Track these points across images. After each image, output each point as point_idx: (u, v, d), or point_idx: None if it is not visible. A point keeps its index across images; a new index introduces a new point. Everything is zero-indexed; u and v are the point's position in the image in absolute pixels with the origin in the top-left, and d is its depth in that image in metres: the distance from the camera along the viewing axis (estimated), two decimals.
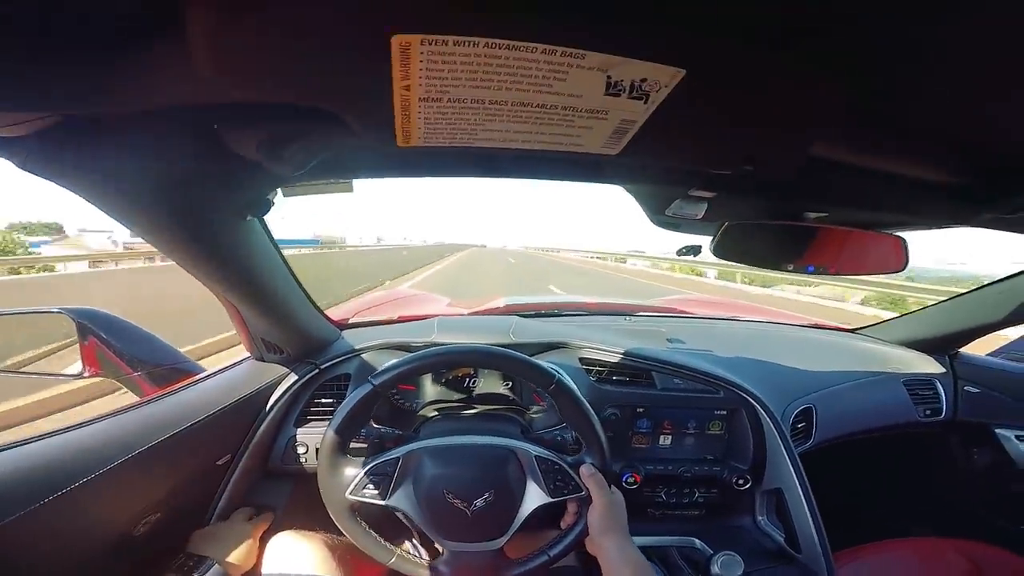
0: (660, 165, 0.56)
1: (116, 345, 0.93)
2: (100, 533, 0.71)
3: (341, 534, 0.92)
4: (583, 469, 0.80)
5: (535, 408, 1.14)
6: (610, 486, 0.80)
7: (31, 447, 0.65)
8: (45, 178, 0.46)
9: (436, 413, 1.10)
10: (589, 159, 0.49)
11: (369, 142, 0.44)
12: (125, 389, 0.95)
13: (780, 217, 0.72)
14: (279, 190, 0.64)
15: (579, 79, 0.36)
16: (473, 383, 1.16)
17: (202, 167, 0.51)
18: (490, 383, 1.16)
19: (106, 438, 0.73)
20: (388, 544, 0.80)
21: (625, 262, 29.41)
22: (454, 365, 1.10)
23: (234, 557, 0.84)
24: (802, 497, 1.04)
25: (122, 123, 0.42)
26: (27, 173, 0.44)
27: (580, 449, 0.85)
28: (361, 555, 0.90)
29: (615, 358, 1.15)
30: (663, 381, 1.15)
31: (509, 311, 1.55)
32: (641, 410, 1.14)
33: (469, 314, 1.50)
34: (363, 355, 1.13)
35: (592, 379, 1.14)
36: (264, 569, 0.86)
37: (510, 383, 1.16)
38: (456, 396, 1.14)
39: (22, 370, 0.97)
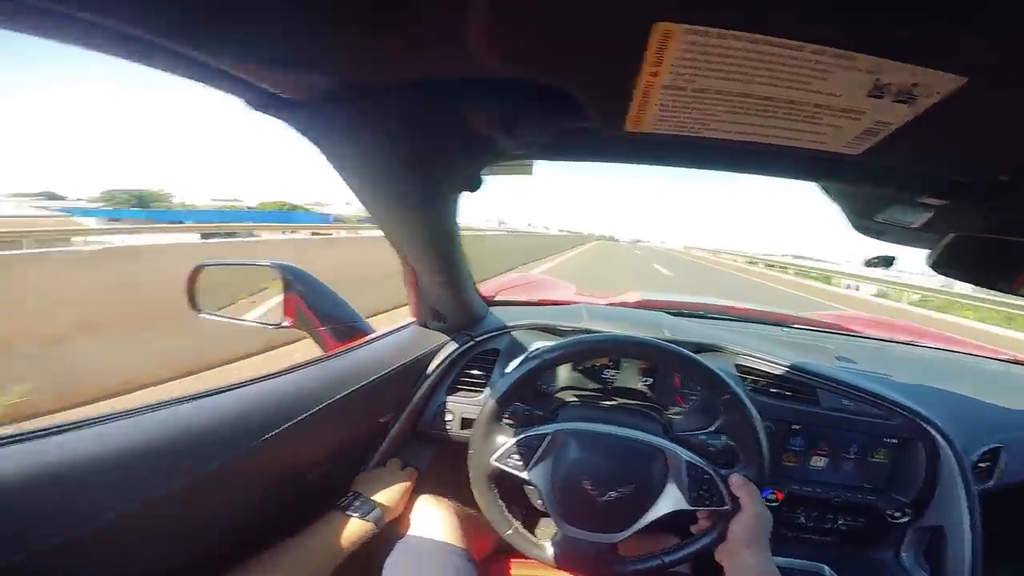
0: (893, 168, 0.51)
1: (310, 299, 1.07)
2: (287, 476, 0.79)
3: (466, 504, 0.98)
4: (734, 479, 0.77)
5: (674, 409, 1.12)
6: None
7: (237, 393, 0.73)
8: (316, 143, 0.53)
9: (574, 399, 1.11)
10: (813, 155, 0.46)
11: (595, 125, 0.45)
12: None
13: (1016, 231, 0.62)
14: None
15: (843, 80, 0.33)
16: (611, 375, 1.16)
17: (441, 140, 0.54)
18: (628, 378, 1.15)
19: (298, 389, 0.81)
20: (510, 517, 0.84)
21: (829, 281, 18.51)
22: (625, 355, 1.11)
23: (389, 501, 0.92)
24: (968, 540, 0.93)
25: (386, 93, 0.46)
26: (303, 137, 0.51)
27: (729, 460, 0.82)
28: (478, 528, 0.95)
29: (777, 370, 1.08)
30: (829, 400, 1.06)
31: (647, 305, 1.51)
32: (797, 427, 1.07)
33: (608, 304, 1.49)
34: (513, 333, 1.18)
35: (748, 389, 1.08)
36: (404, 524, 0.93)
37: (650, 380, 1.14)
38: (591, 385, 1.15)
39: (234, 317, 1.14)
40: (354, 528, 0.83)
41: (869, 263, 0.83)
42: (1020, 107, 0.36)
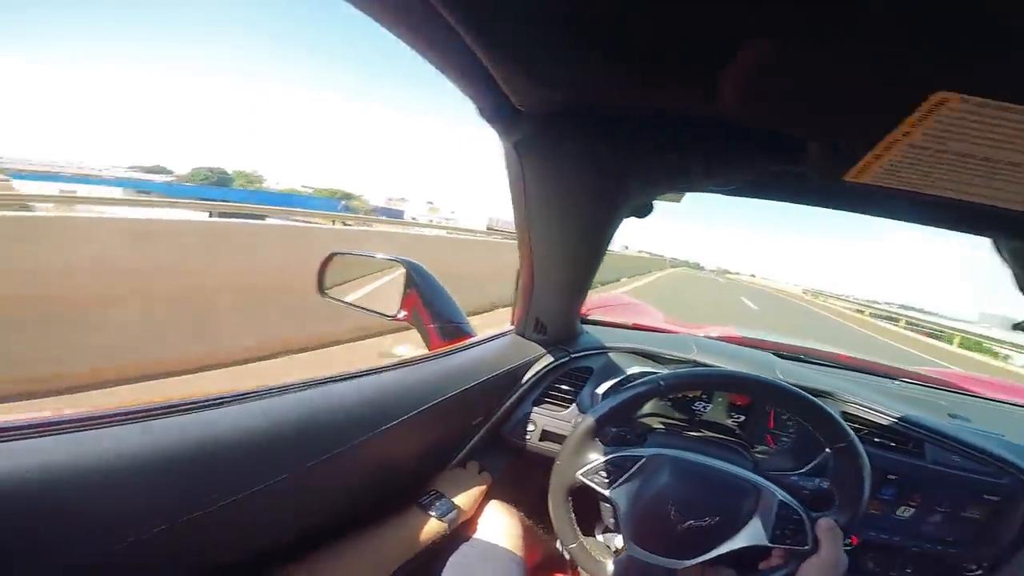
0: None
1: (427, 296, 1.13)
2: (383, 470, 0.81)
3: (531, 515, 1.00)
4: (823, 522, 0.76)
5: (760, 447, 1.11)
6: None
7: (359, 382, 0.76)
8: (520, 155, 0.56)
9: (661, 426, 1.12)
10: (1014, 215, 0.46)
11: (809, 170, 0.46)
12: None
13: None
14: None
15: None
16: (701, 407, 1.16)
17: (642, 166, 0.56)
18: (717, 412, 1.15)
19: (405, 386, 0.84)
20: (578, 531, 0.84)
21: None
22: (750, 394, 1.09)
23: (464, 504, 0.94)
24: None
25: (605, 114, 0.48)
26: (512, 150, 0.55)
27: (816, 502, 0.81)
28: (538, 539, 0.96)
29: (885, 420, 1.06)
30: (936, 455, 1.03)
31: (749, 343, 1.49)
32: (893, 478, 1.04)
33: (706, 337, 1.49)
34: (609, 354, 1.19)
35: None
36: (473, 526, 0.95)
37: (742, 417, 1.14)
38: (678, 415, 1.15)
39: (358, 305, 1.23)
40: (431, 527, 0.85)
41: (1017, 327, 0.80)
42: None
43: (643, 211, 0.67)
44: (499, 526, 0.95)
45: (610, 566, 0.83)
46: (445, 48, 0.42)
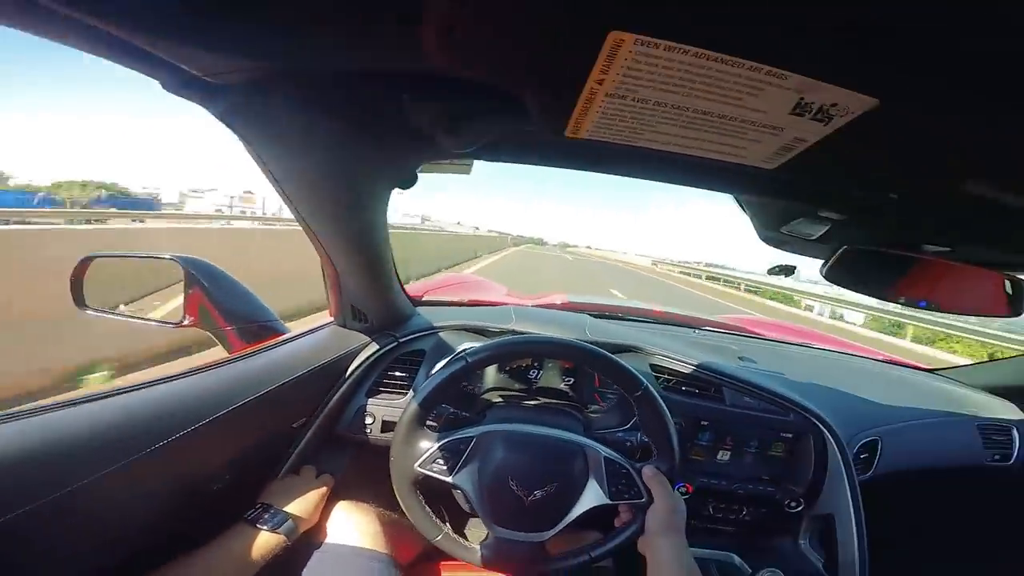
0: (803, 183, 0.55)
1: (216, 297, 0.98)
2: (184, 486, 0.74)
3: (388, 509, 0.96)
4: (646, 470, 0.81)
5: (593, 407, 1.15)
6: None
7: (131, 396, 0.68)
8: (234, 129, 0.49)
9: (500, 400, 1.11)
10: (733, 168, 0.48)
11: (536, 128, 0.45)
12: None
13: (900, 246, 0.69)
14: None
15: (772, 97, 0.35)
16: (535, 375, 1.17)
17: (378, 133, 0.53)
18: (550, 378, 1.17)
19: (200, 392, 0.76)
20: (438, 521, 0.83)
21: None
22: (549, 356, 1.12)
23: (303, 511, 0.88)
24: (854, 525, 1.03)
25: (320, 81, 0.44)
26: (221, 123, 0.47)
27: (644, 455, 0.86)
28: (402, 533, 0.93)
29: (687, 369, 1.14)
30: (733, 397, 1.13)
31: (572, 308, 1.55)
32: (705, 423, 1.14)
33: (534, 305, 1.51)
34: (440, 334, 1.15)
35: (661, 387, 1.14)
36: (322, 532, 0.89)
37: (571, 380, 1.17)
38: (516, 386, 1.16)
39: (127, 314, 1.02)
40: (264, 541, 0.79)
41: (771, 271, 0.89)
42: (915, 133, 0.40)
43: (406, 182, 0.64)
44: (352, 527, 0.90)
45: (481, 550, 0.81)
46: (95, 41, 0.37)
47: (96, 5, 0.32)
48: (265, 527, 0.80)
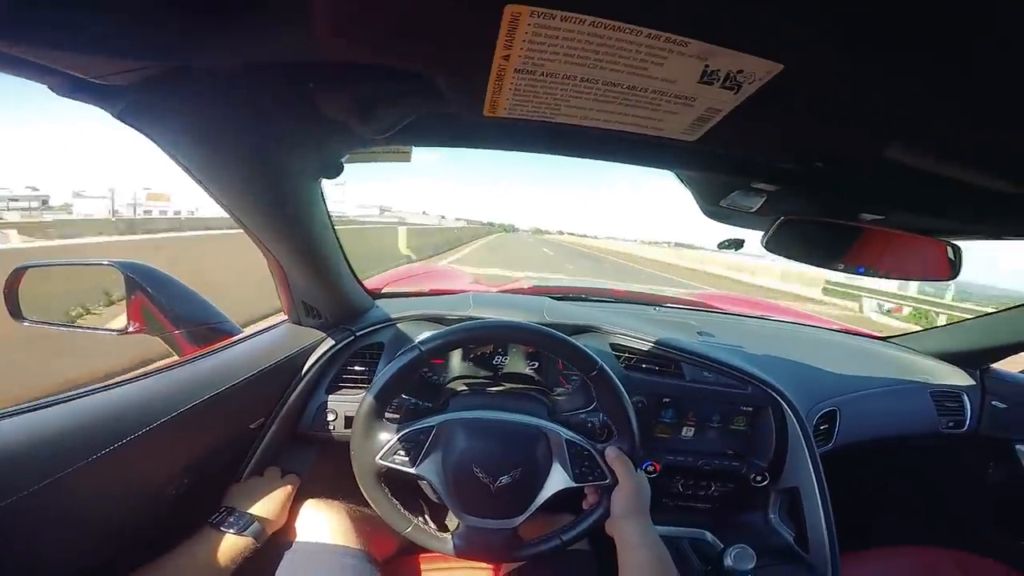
0: (729, 155, 0.55)
1: (161, 301, 0.95)
2: (138, 492, 0.72)
3: (360, 504, 0.94)
4: (609, 451, 0.81)
5: (559, 390, 1.15)
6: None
7: (74, 404, 0.66)
8: (138, 129, 0.47)
9: (465, 388, 1.11)
10: (658, 143, 0.48)
11: (454, 109, 0.45)
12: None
13: (836, 216, 0.71)
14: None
15: (676, 65, 0.36)
16: (500, 361, 1.17)
17: (290, 125, 0.52)
18: (516, 362, 1.17)
19: (148, 397, 0.74)
20: (407, 513, 0.82)
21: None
22: (500, 340, 1.11)
23: (269, 513, 0.86)
24: (818, 497, 1.04)
25: (219, 77, 0.42)
26: (121, 123, 0.45)
27: (608, 435, 0.86)
28: (377, 528, 0.92)
29: (646, 346, 1.15)
30: (692, 373, 1.15)
31: (537, 292, 1.55)
32: (667, 400, 1.14)
33: (499, 292, 1.50)
34: (398, 325, 1.14)
35: (621, 366, 1.14)
36: (292, 533, 0.88)
37: (536, 364, 1.17)
38: (482, 373, 1.15)
39: (71, 324, 0.99)
40: (230, 544, 0.77)
41: (721, 246, 0.90)
42: (828, 98, 0.40)
43: (331, 172, 0.63)
44: (323, 524, 0.89)
45: (453, 540, 0.81)
46: None
47: None
48: (231, 530, 0.79)
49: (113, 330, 0.95)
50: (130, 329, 0.95)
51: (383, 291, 1.34)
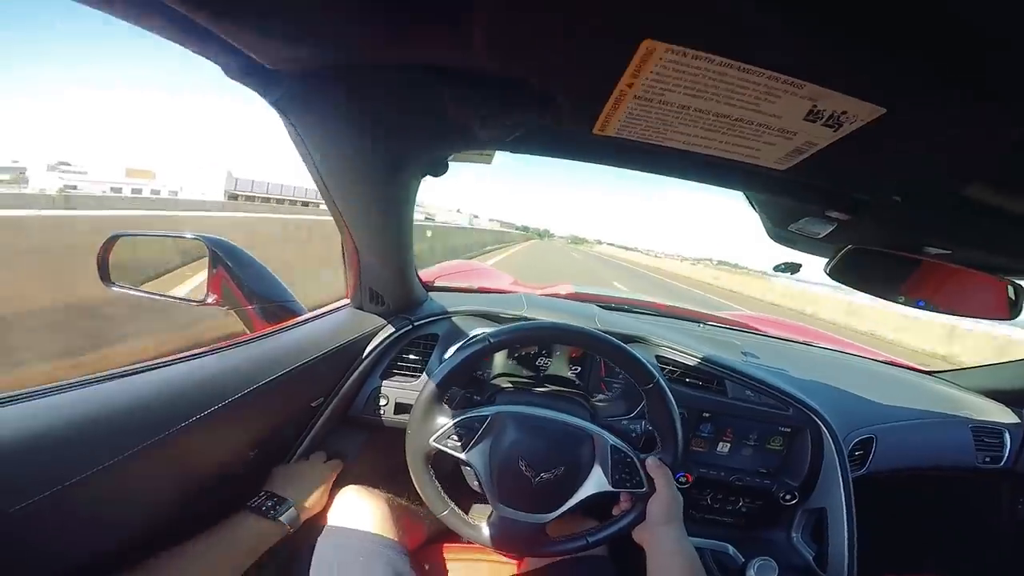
0: (810, 183, 0.58)
1: (240, 276, 1.01)
2: (201, 469, 0.74)
3: (396, 493, 0.98)
4: (649, 461, 0.83)
5: (599, 396, 1.18)
6: None
7: (159, 373, 0.68)
8: (287, 117, 0.52)
9: (509, 385, 1.15)
10: (744, 167, 0.51)
11: (565, 124, 0.48)
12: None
13: (902, 248, 0.72)
14: None
15: (788, 104, 0.38)
16: (543, 363, 1.20)
17: (417, 123, 0.55)
18: (559, 366, 1.20)
19: (224, 369, 0.77)
20: (446, 498, 0.85)
21: None
22: (564, 342, 1.15)
23: (308, 500, 0.88)
24: (845, 519, 1.06)
25: (367, 73, 0.47)
26: (276, 110, 0.50)
27: (647, 445, 0.88)
28: (409, 518, 0.95)
29: (691, 361, 1.17)
30: (735, 391, 1.16)
31: (579, 298, 1.58)
32: (707, 415, 1.17)
33: (542, 295, 1.54)
34: (453, 318, 1.18)
35: (666, 378, 1.16)
36: (330, 518, 0.90)
37: (579, 368, 1.20)
38: (525, 372, 1.19)
39: (152, 291, 1.06)
40: (263, 529, 0.79)
41: (777, 268, 0.92)
42: (919, 138, 0.43)
43: (438, 170, 0.67)
44: (359, 512, 0.90)
45: (485, 528, 0.84)
46: (163, 21, 0.39)
47: None
48: (265, 515, 0.80)
49: (193, 300, 1.01)
50: (208, 301, 1.01)
51: (435, 284, 1.39)
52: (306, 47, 0.42)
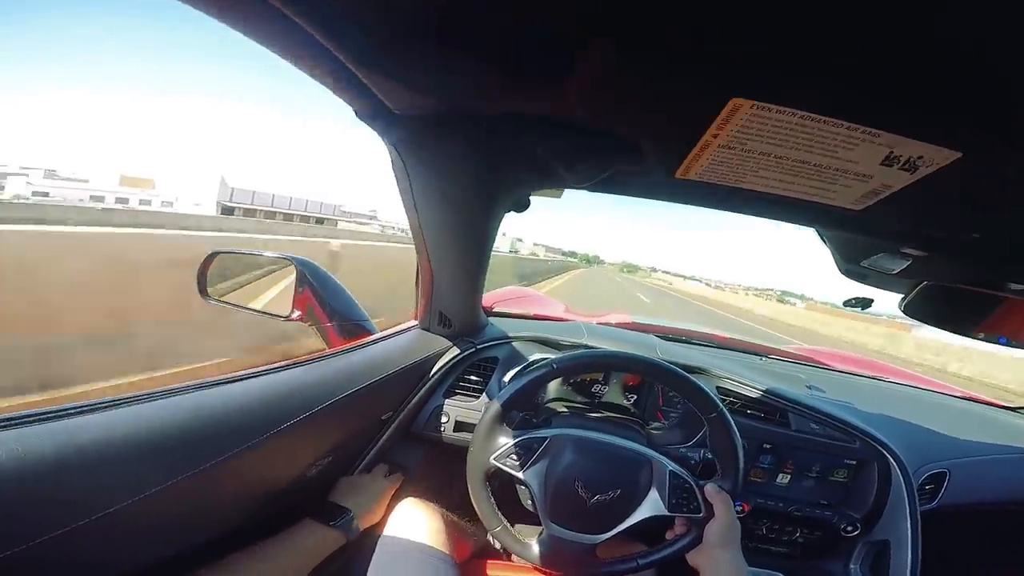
0: (886, 222, 0.59)
1: (322, 295, 1.09)
2: (277, 478, 0.77)
3: (454, 505, 1.01)
4: (709, 487, 0.84)
5: (655, 424, 1.19)
6: None
7: (245, 384, 0.71)
8: (402, 157, 0.59)
9: (565, 409, 1.17)
10: (820, 207, 0.53)
11: (648, 168, 0.52)
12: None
13: (980, 284, 0.71)
14: None
15: (865, 151, 0.41)
16: (599, 390, 1.22)
17: (509, 165, 0.61)
18: (614, 393, 1.22)
19: (304, 384, 0.81)
20: (500, 514, 0.88)
21: None
22: (629, 371, 1.17)
23: (368, 510, 0.93)
24: (909, 553, 1.03)
25: (472, 121, 0.52)
26: (394, 150, 0.57)
27: (705, 472, 0.89)
28: (461, 533, 0.97)
29: (753, 393, 1.17)
30: (798, 423, 1.15)
31: (636, 328, 1.60)
32: (768, 447, 1.16)
33: (599, 323, 1.56)
34: (513, 343, 1.23)
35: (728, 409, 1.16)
36: (387, 528, 0.92)
37: (635, 397, 1.22)
38: (579, 399, 1.22)
39: (241, 305, 1.15)
40: (322, 537, 0.83)
41: (847, 303, 0.92)
42: (997, 180, 0.44)
43: (521, 206, 0.72)
44: (417, 524, 0.94)
45: (535, 546, 0.86)
46: (314, 57, 0.44)
47: (334, 28, 0.39)
48: (328, 524, 0.85)
49: (280, 315, 1.10)
50: (293, 316, 1.09)
51: (494, 309, 1.44)
52: (430, 95, 0.48)
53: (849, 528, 1.13)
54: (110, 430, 0.51)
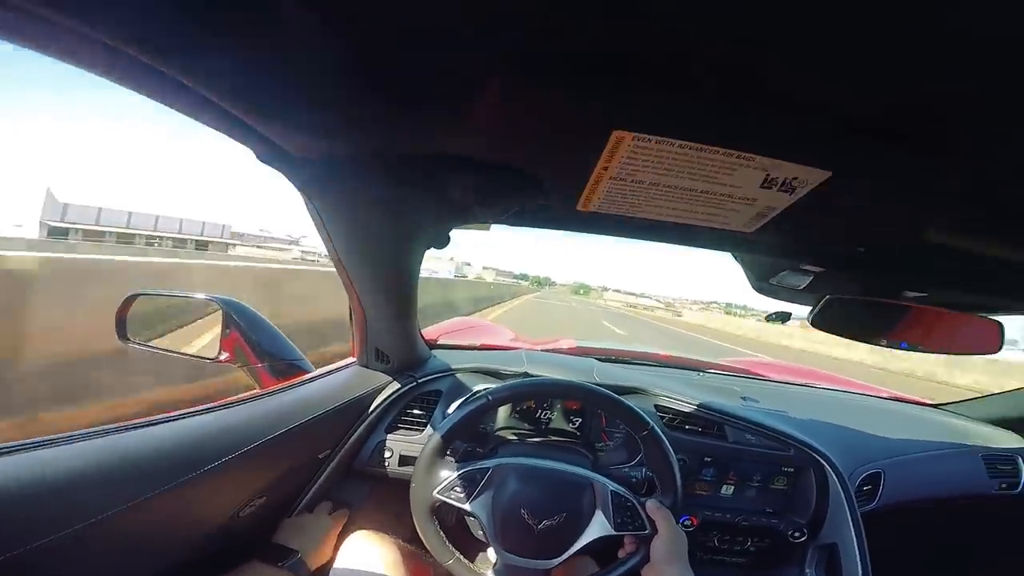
0: (780, 241, 0.63)
1: (251, 336, 1.06)
2: (208, 518, 0.76)
3: (407, 538, 0.99)
4: (650, 504, 0.85)
5: (599, 445, 1.20)
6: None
7: (174, 425, 0.70)
8: (310, 197, 0.59)
9: (512, 437, 1.17)
10: (720, 233, 0.56)
11: (552, 203, 0.54)
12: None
13: (879, 294, 0.76)
14: None
15: (744, 175, 0.44)
16: (544, 416, 1.23)
17: (423, 204, 0.62)
18: (559, 418, 1.23)
19: (231, 425, 0.79)
20: (451, 547, 0.87)
21: None
22: (561, 396, 1.19)
23: (315, 549, 0.91)
24: (857, 553, 1.06)
25: (379, 161, 0.53)
26: (297, 191, 0.56)
27: (648, 489, 0.90)
28: (419, 561, 0.96)
29: (689, 408, 1.20)
30: (735, 435, 1.18)
31: (580, 352, 1.62)
32: (708, 459, 1.18)
33: (543, 350, 1.57)
34: (456, 375, 1.22)
35: (665, 425, 1.19)
36: (338, 564, 0.90)
37: (579, 420, 1.23)
38: (525, 425, 1.22)
39: (166, 348, 1.10)
40: None
41: (769, 318, 0.96)
42: (866, 195, 0.48)
43: (442, 242, 0.72)
44: (371, 557, 0.92)
45: (491, 574, 0.85)
46: (200, 106, 0.43)
47: (219, 82, 0.39)
48: (277, 566, 0.83)
49: (206, 358, 1.05)
50: (221, 358, 1.05)
51: (438, 342, 1.43)
52: (326, 139, 0.48)
53: (796, 534, 1.15)
54: (37, 468, 0.51)
